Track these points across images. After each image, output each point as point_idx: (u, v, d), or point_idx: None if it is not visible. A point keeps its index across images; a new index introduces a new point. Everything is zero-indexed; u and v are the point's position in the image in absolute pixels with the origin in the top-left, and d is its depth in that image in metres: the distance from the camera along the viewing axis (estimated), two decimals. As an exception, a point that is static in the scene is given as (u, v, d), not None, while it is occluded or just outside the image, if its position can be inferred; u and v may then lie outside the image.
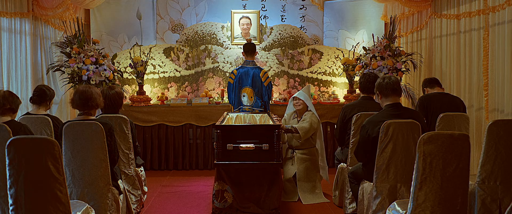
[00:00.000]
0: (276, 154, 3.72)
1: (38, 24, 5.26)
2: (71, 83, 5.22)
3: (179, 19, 6.50)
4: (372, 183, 3.18)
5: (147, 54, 6.06)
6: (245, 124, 4.64)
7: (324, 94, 6.46)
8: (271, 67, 6.50)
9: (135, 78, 6.00)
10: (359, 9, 6.56)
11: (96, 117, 3.35)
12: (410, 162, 3.01)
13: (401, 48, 5.62)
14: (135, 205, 3.95)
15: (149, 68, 6.28)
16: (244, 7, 6.51)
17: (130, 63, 5.84)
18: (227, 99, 6.06)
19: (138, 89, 5.94)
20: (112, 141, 3.25)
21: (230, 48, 6.49)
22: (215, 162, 3.78)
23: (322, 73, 6.55)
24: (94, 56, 5.18)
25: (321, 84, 6.53)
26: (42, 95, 3.85)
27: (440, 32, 5.42)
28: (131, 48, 6.16)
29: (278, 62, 6.52)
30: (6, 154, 2.41)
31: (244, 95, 5.28)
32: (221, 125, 3.79)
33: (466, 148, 2.43)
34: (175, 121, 5.76)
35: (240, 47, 6.13)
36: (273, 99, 6.13)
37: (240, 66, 5.44)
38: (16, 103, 3.21)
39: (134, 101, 5.79)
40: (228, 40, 6.47)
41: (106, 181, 3.18)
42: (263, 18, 6.56)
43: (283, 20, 6.60)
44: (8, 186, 2.45)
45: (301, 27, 6.60)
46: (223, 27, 6.49)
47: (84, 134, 3.09)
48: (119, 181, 3.49)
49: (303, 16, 6.61)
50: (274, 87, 6.43)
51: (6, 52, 4.70)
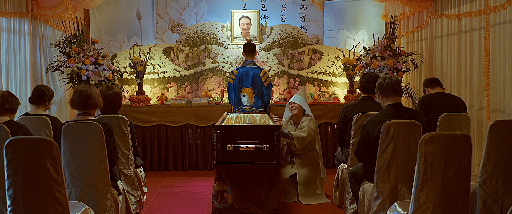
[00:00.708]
0: (276, 154, 3.70)
1: (37, 24, 5.24)
2: (70, 84, 5.20)
3: (179, 19, 6.49)
4: (372, 184, 3.17)
5: (147, 54, 6.04)
6: (245, 124, 4.62)
7: (324, 95, 6.45)
8: (271, 67, 6.48)
9: (134, 78, 5.98)
10: (360, 9, 6.54)
11: (95, 117, 3.34)
12: (411, 163, 3.00)
13: (401, 48, 5.60)
14: (135, 206, 3.94)
15: (148, 68, 6.27)
16: (244, 7, 6.50)
17: (130, 63, 5.83)
18: (227, 99, 6.07)
19: (137, 89, 5.93)
20: (111, 141, 3.24)
21: (230, 48, 6.47)
22: (215, 162, 3.76)
23: (322, 73, 6.53)
24: (93, 56, 5.17)
25: (321, 85, 6.52)
26: (41, 96, 3.84)
27: (441, 32, 5.40)
28: (130, 48, 6.14)
29: (278, 62, 6.50)
30: (4, 155, 2.40)
31: (244, 96, 5.26)
32: (221, 125, 3.77)
33: (468, 148, 2.42)
34: (175, 121, 5.74)
35: (240, 47, 6.11)
36: (273, 99, 6.11)
37: (240, 66, 5.42)
38: (15, 103, 3.22)
39: (134, 102, 5.77)
40: (228, 40, 6.46)
41: (105, 181, 3.16)
42: (263, 18, 6.54)
43: (283, 20, 6.59)
44: (6, 187, 2.43)
45: (301, 27, 6.59)
46: (223, 27, 6.47)
47: (83, 134, 3.08)
48: (119, 182, 3.48)
49: (303, 16, 6.59)
50: (274, 87, 6.41)
51: (5, 52, 4.67)
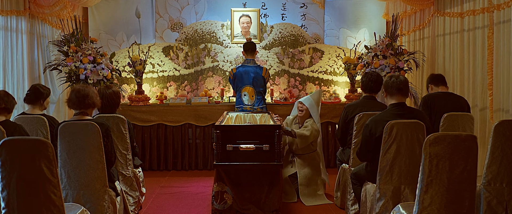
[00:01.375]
0: (277, 154, 3.66)
1: (35, 22, 5.18)
2: (69, 83, 5.14)
3: (179, 17, 6.43)
4: (375, 185, 3.12)
5: (146, 53, 6.00)
6: (245, 124, 4.58)
7: (325, 94, 6.40)
8: (272, 66, 6.43)
9: (133, 77, 5.92)
10: (361, 7, 6.49)
11: (92, 117, 3.29)
12: (414, 163, 2.95)
13: (403, 47, 5.56)
14: (133, 207, 3.89)
15: (148, 67, 6.21)
16: (244, 6, 6.44)
17: (129, 62, 5.77)
18: (227, 99, 6.02)
19: (136, 88, 5.87)
20: (109, 141, 3.19)
21: (230, 47, 6.42)
22: (214, 162, 3.72)
23: (323, 72, 6.48)
24: (92, 55, 5.11)
25: (322, 84, 6.46)
26: (37, 95, 3.77)
27: (443, 30, 5.35)
28: (129, 47, 6.09)
29: (279, 61, 6.45)
30: (-2, 156, 2.35)
31: (245, 95, 5.21)
32: (220, 125, 3.72)
33: (474, 149, 2.37)
34: (174, 121, 5.69)
35: (240, 46, 6.06)
36: (273, 98, 6.07)
37: (240, 65, 5.38)
38: (12, 103, 3.21)
39: (133, 101, 5.71)
40: (228, 38, 6.40)
41: (103, 182, 3.11)
42: (264, 16, 6.48)
43: (283, 19, 6.53)
44: (0, 189, 2.38)
45: (301, 26, 6.53)
46: (223, 25, 6.41)
47: (80, 134, 3.03)
48: (116, 183, 3.43)
49: (304, 15, 6.53)
50: (275, 86, 6.37)
51: (2, 50, 4.63)
